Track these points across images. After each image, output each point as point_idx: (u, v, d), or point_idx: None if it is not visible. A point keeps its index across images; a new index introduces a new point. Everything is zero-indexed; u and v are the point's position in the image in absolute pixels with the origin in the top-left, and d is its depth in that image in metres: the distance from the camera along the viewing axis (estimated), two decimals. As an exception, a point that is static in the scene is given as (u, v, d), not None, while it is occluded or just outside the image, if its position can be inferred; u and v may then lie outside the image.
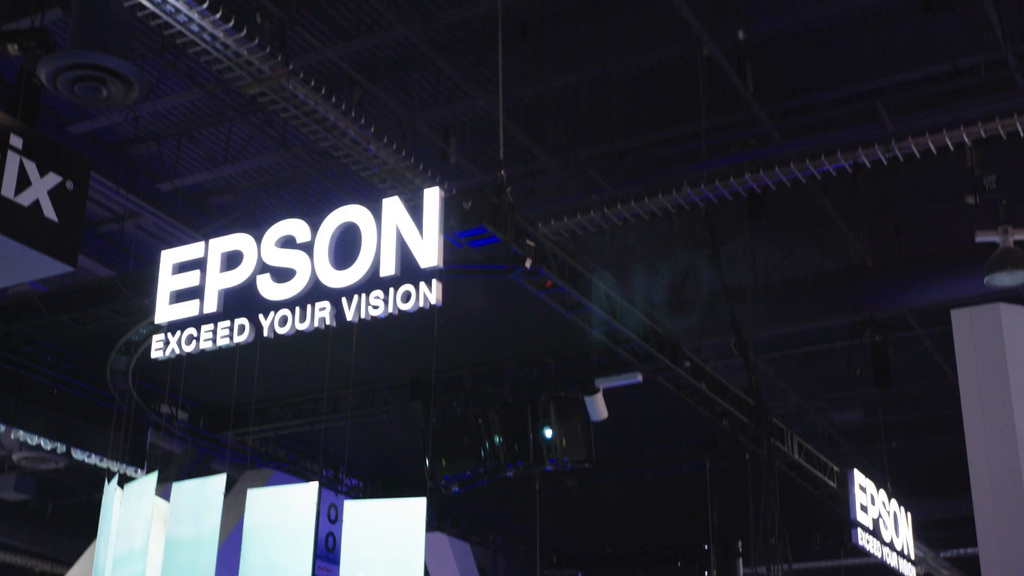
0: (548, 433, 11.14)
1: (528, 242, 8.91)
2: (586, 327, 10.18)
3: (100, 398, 12.05)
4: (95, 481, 11.44)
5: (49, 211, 8.26)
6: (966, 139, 11.28)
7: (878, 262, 14.31)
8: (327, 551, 13.95)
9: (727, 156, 12.64)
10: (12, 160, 8.13)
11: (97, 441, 12.04)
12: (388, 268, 8.37)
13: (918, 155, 11.53)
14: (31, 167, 8.24)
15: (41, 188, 8.28)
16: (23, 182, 8.17)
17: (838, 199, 13.86)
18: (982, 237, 11.64)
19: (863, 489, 14.07)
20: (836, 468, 14.52)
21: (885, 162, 11.65)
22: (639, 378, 11.21)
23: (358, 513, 8.59)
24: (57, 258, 8.31)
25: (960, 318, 8.63)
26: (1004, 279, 11.23)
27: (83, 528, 14.60)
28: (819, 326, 15.40)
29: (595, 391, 11.31)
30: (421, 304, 8.23)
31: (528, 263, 8.85)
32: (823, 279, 14.74)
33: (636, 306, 10.89)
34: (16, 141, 8.20)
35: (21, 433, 11.52)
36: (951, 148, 11.42)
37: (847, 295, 13.93)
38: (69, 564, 16.50)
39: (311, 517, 8.42)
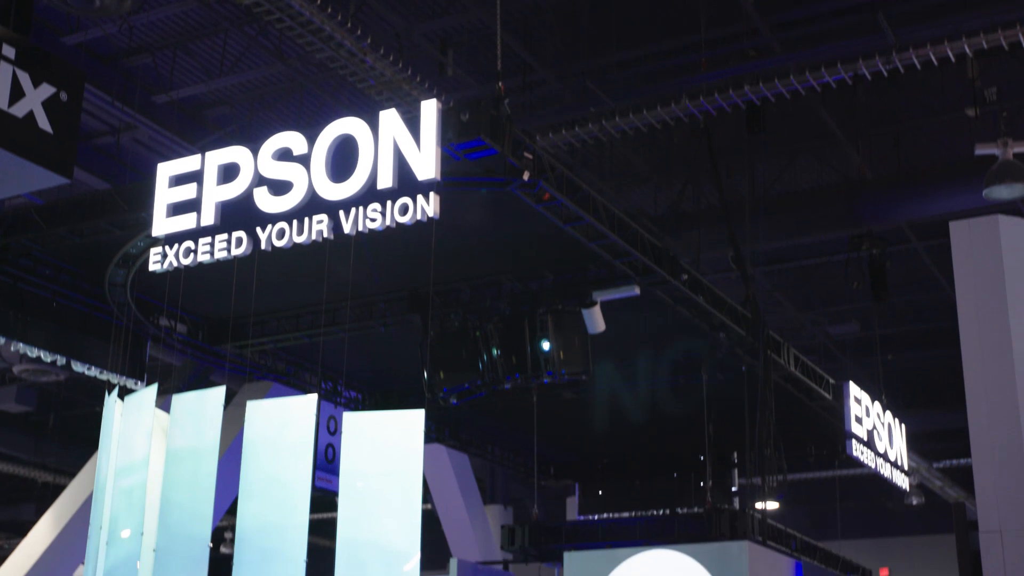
0: (546, 346, 11.19)
1: (526, 154, 8.88)
2: (584, 240, 10.17)
3: (99, 311, 12.07)
4: (96, 393, 11.51)
5: (44, 122, 8.20)
6: (967, 50, 11.18)
7: (877, 175, 14.27)
8: (327, 462, 14.09)
9: (726, 68, 12.53)
10: (5, 71, 8.06)
11: (96, 354, 12.09)
12: (385, 181, 8.35)
13: (919, 67, 11.43)
14: (24, 78, 8.17)
15: (35, 99, 8.22)
16: (16, 93, 8.11)
17: (838, 112, 13.77)
18: (981, 150, 11.58)
19: (858, 401, 14.18)
20: (832, 380, 14.61)
21: (886, 74, 11.55)
22: (636, 291, 11.23)
23: (357, 425, 8.66)
24: (52, 170, 8.28)
25: (958, 230, 8.63)
26: (1003, 192, 11.20)
27: (84, 440, 14.73)
28: (817, 239, 15.40)
29: (593, 304, 11.34)
30: (419, 217, 8.23)
31: (526, 176, 8.82)
32: (821, 193, 14.71)
33: (634, 219, 10.87)
34: (9, 52, 8.12)
35: (21, 346, 11.57)
36: (952, 60, 11.32)
37: (845, 208, 13.91)
38: (71, 475, 16.67)
39: (310, 429, 8.49)
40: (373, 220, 8.39)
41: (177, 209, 9.22)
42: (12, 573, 15.68)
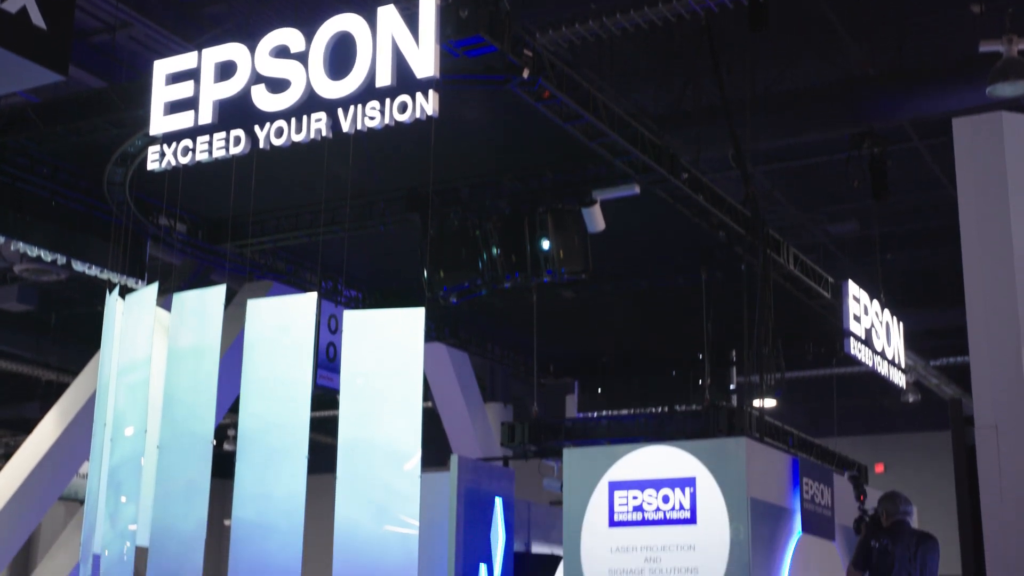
0: (545, 245, 11.20)
1: (525, 52, 8.80)
2: (583, 138, 10.13)
3: (98, 210, 12.06)
4: (97, 293, 11.56)
5: (37, 18, 8.10)
6: (973, -55, 11.03)
7: (879, 73, 14.14)
8: (328, 361, 14.19)
9: (729, -37, 12.36)
10: (-3, -34, 7.95)
11: (97, 253, 12.10)
12: (384, 78, 8.29)
13: (924, -38, 11.29)
14: (17, -26, 8.05)
15: (28, -5, 8.11)
16: (9, -11, 8.00)
17: (840, 8, 13.60)
18: (986, 47, 11.47)
19: (857, 300, 14.24)
20: (831, 279, 14.65)
21: (890, -31, 11.41)
22: (636, 190, 11.21)
23: (357, 323, 8.70)
24: (47, 66, 8.19)
25: (961, 127, 8.56)
26: (1006, 89, 11.12)
27: (86, 339, 14.78)
28: (817, 138, 15.31)
29: (592, 203, 11.32)
30: (418, 115, 8.19)
31: (525, 73, 8.75)
32: (823, 91, 14.57)
33: (634, 118, 10.81)
34: (1, -53, 7.99)
35: (21, 245, 11.58)
36: (958, -45, 11.17)
37: (847, 107, 13.80)
38: (74, 374, 16.78)
39: (311, 327, 8.53)
40: (372, 118, 8.35)
41: (174, 107, 9.16)
42: (18, 470, 15.88)
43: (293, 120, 8.64)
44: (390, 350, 8.45)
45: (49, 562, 17.41)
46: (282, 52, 8.78)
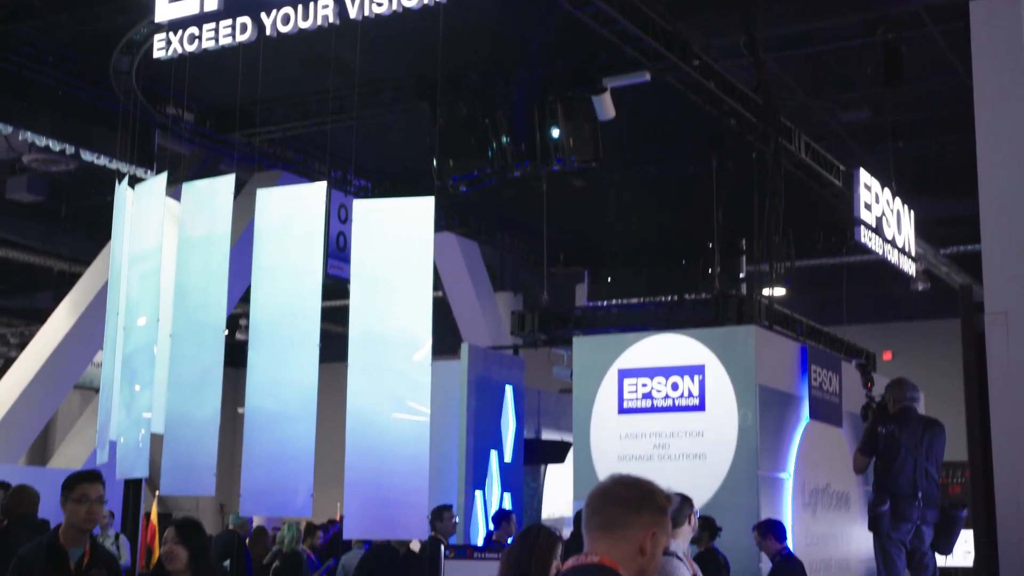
0: (555, 133, 11.13)
1: (535, -64, 8.65)
2: (594, 25, 9.99)
3: (105, 99, 11.98)
4: (107, 183, 11.52)
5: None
6: None
7: (895, -44, 13.87)
8: (338, 250, 14.21)
9: None
10: None
11: (105, 143, 12.06)
12: (391, -37, 8.16)
13: None
14: None
15: None
16: None
17: None
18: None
19: (868, 188, 14.16)
20: (842, 167, 14.56)
21: None
22: (647, 77, 11.10)
23: (367, 212, 8.68)
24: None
25: (978, 10, 8.40)
26: (1024, -27, 10.91)
27: (97, 229, 14.80)
28: (830, 24, 15.07)
29: (603, 90, 11.22)
30: (426, 1, 8.07)
31: (535, -42, 8.62)
32: (838, -26, 14.33)
33: (645, 4, 10.66)
34: None
35: (29, 134, 11.54)
36: None
37: (861, -9, 13.58)
38: (86, 264, 16.85)
39: (320, 216, 8.52)
40: (379, 4, 8.24)
41: (180, -6, 9.04)
42: (33, 359, 16.03)
43: (300, 6, 8.53)
44: (400, 240, 8.44)
45: (66, 448, 17.68)
46: (288, -63, 8.64)
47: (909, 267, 15.62)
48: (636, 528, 3.09)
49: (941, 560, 8.26)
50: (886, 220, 14.62)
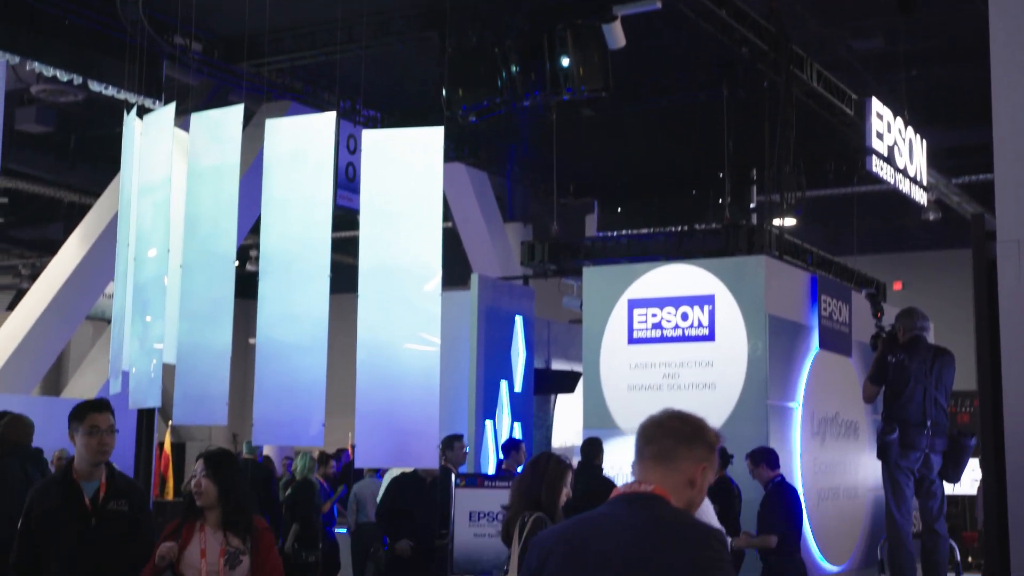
0: (565, 62, 11.05)
1: None
2: (604, -48, 9.89)
3: (112, 29, 11.90)
4: (115, 114, 11.49)
5: None
6: None
7: None
8: (347, 181, 14.20)
9: None
10: None
11: (112, 73, 12.00)
12: None
13: None
14: None
15: None
16: None
17: None
18: None
19: (880, 117, 14.07)
20: (854, 96, 14.45)
21: None
22: (658, 4, 10.99)
23: (376, 142, 8.65)
24: None
25: (993, -63, 8.27)
26: None
27: (107, 160, 14.81)
28: (845, -50, 14.90)
29: (613, 18, 11.11)
30: (434, -72, 7.98)
31: None
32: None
33: (656, -71, 10.53)
34: None
35: (36, 65, 11.48)
36: None
37: (876, -84, 13.40)
38: (96, 195, 16.85)
39: (329, 146, 8.50)
40: (387, -68, 8.15)
41: (185, -78, 8.96)
42: (45, 290, 16.09)
43: (307, -66, 8.44)
44: (409, 170, 8.42)
45: (79, 379, 17.80)
46: None
47: (920, 197, 15.57)
48: (688, 461, 3.21)
49: (949, 488, 8.30)
50: (898, 149, 14.55)
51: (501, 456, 11.95)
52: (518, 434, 13.23)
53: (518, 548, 5.67)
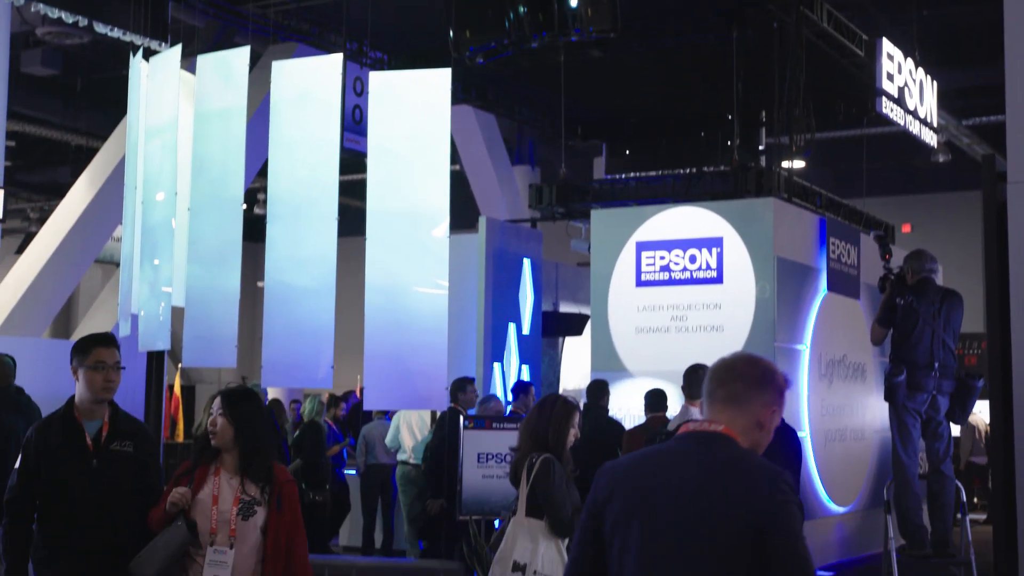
0: (573, 2, 10.95)
1: None
2: None
3: (117, -30, 11.84)
4: (122, 57, 11.42)
5: None
6: None
7: None
8: (354, 123, 14.15)
9: None
10: None
11: (118, 15, 11.92)
12: None
13: None
14: None
15: None
16: None
17: None
18: None
19: (890, 58, 13.96)
20: (865, 36, 14.33)
21: None
22: (667, -56, 10.89)
23: (383, 85, 8.61)
24: None
25: None
26: None
27: (113, 103, 14.73)
28: None
29: (622, -41, 11.01)
30: None
31: None
32: None
33: None
34: None
35: (41, 6, 11.41)
36: None
37: None
38: (103, 138, 16.81)
39: (336, 89, 8.46)
40: None
41: None
42: (53, 234, 16.10)
43: None
44: (417, 112, 8.38)
45: (89, 322, 17.86)
46: None
47: (931, 138, 15.48)
48: (757, 404, 3.29)
49: (956, 430, 8.33)
50: (908, 90, 14.45)
51: (510, 398, 12.01)
52: (526, 377, 13.27)
53: (526, 488, 5.72)
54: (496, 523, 9.48)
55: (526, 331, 13.58)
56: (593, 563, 3.29)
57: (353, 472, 13.41)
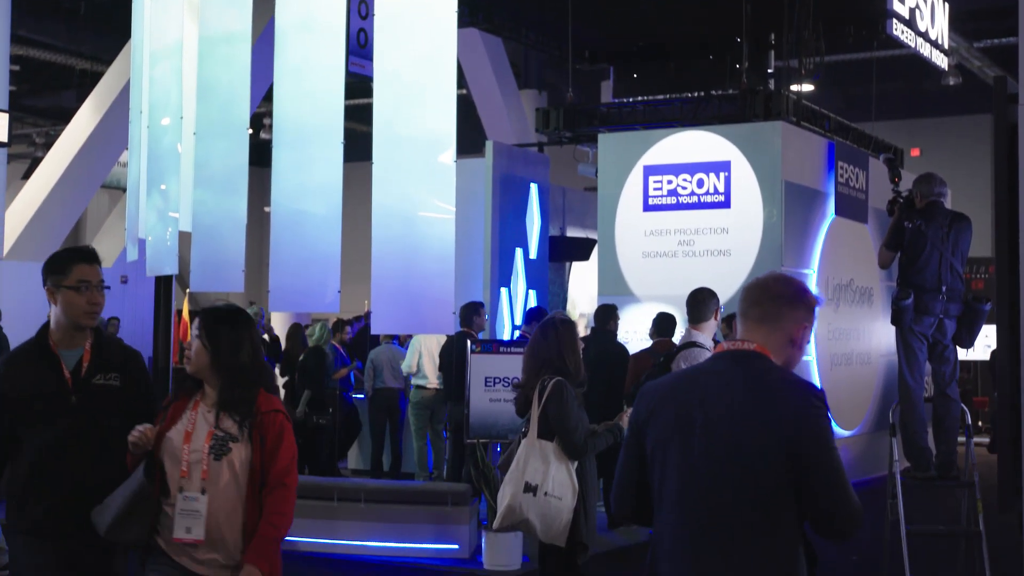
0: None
1: None
2: None
3: None
4: (123, -21, 11.33)
5: None
6: None
7: None
8: (359, 47, 14.01)
9: None
10: None
11: (120, -63, 11.80)
12: None
13: None
14: None
15: None
16: None
17: None
18: None
19: (902, -21, 13.81)
20: (876, -42, 14.16)
21: None
22: None
23: (389, 8, 8.52)
24: None
25: None
26: None
27: (117, 27, 14.65)
28: None
29: None
30: None
31: None
32: None
33: None
34: None
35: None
36: None
37: None
38: (108, 62, 16.73)
39: (341, 12, 8.38)
40: None
41: None
42: (60, 159, 16.09)
43: None
44: (422, 36, 8.31)
45: (96, 246, 17.83)
46: None
47: (941, 61, 15.35)
48: (790, 321, 3.40)
49: (962, 353, 8.35)
50: (919, 12, 14.30)
51: (522, 323, 12.03)
52: (533, 302, 13.29)
53: (537, 410, 5.76)
54: (497, 447, 9.56)
55: (533, 256, 13.57)
56: (638, 481, 3.42)
57: (361, 396, 13.49)
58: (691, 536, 3.23)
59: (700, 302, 7.33)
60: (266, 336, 16.99)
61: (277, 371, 14.16)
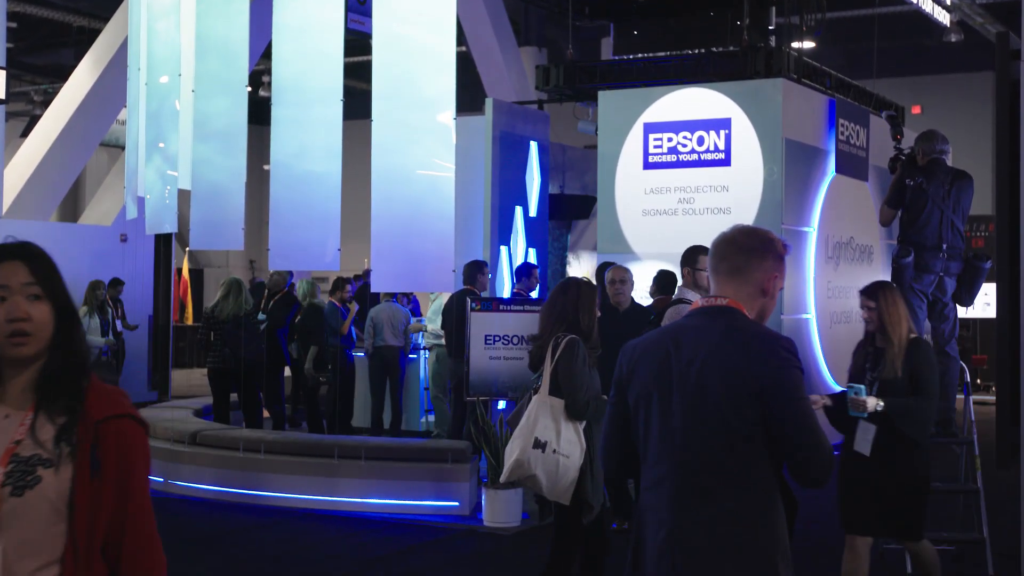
0: None
1: None
2: None
3: None
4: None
5: None
6: None
7: None
8: (358, 4, 13.94)
9: None
10: None
11: None
12: None
13: None
14: None
15: None
16: None
17: None
18: None
19: (904, -66, 13.71)
20: (878, -87, 14.05)
21: None
22: None
23: (388, -37, 8.47)
24: None
25: None
26: None
27: (114, -17, 14.59)
28: None
29: None
30: None
31: None
32: None
33: None
34: None
35: None
36: None
37: None
38: (106, 19, 16.62)
39: (341, -32, 8.34)
40: None
41: None
42: (58, 116, 16.02)
43: None
44: (422, -9, 8.27)
45: (96, 205, 17.87)
46: None
47: (943, 17, 15.27)
48: (759, 272, 3.42)
49: (961, 311, 8.35)
50: (922, -32, 14.21)
51: (512, 281, 12.02)
52: (533, 260, 13.28)
53: (550, 367, 5.77)
54: (503, 404, 9.58)
55: (532, 214, 13.55)
56: (622, 436, 3.50)
57: (361, 354, 13.51)
58: (673, 486, 3.30)
59: (695, 259, 7.31)
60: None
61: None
